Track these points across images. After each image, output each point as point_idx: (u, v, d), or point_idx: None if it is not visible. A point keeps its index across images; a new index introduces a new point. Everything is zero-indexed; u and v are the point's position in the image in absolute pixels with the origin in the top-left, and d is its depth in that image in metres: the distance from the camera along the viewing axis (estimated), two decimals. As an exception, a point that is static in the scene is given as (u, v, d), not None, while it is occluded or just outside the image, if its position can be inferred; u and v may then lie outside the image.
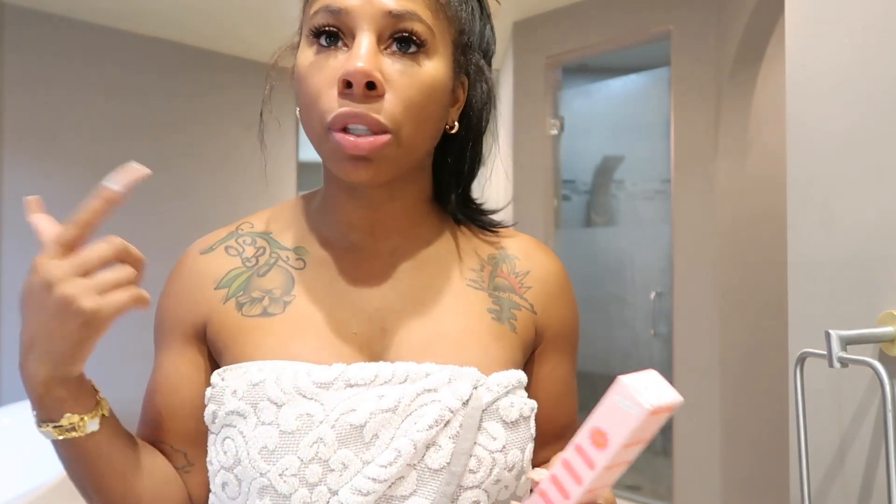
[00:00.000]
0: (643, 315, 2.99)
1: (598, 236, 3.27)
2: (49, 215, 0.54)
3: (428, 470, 0.52)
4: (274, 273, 0.61)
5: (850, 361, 0.68)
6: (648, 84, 3.00)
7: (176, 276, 0.64)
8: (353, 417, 0.51)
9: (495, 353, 0.59)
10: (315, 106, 0.53)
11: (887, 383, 0.66)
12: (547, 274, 0.66)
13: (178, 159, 3.41)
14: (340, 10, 0.52)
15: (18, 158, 2.89)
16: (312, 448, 0.51)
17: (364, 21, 0.52)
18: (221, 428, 0.55)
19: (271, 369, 0.54)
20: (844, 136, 0.77)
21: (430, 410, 0.52)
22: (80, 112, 3.07)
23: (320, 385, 0.53)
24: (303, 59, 0.55)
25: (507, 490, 0.56)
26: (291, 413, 0.52)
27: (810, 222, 0.80)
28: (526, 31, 3.16)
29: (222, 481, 0.55)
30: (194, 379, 0.62)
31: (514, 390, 0.57)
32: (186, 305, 0.62)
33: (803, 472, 0.74)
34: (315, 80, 0.53)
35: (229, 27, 3.22)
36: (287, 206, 0.67)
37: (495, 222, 0.69)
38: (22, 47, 2.90)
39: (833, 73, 0.78)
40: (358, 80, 0.50)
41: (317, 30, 0.54)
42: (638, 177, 3.12)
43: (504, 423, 0.55)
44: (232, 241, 0.63)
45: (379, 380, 0.54)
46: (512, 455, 0.55)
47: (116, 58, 3.18)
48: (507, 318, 0.62)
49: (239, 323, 0.59)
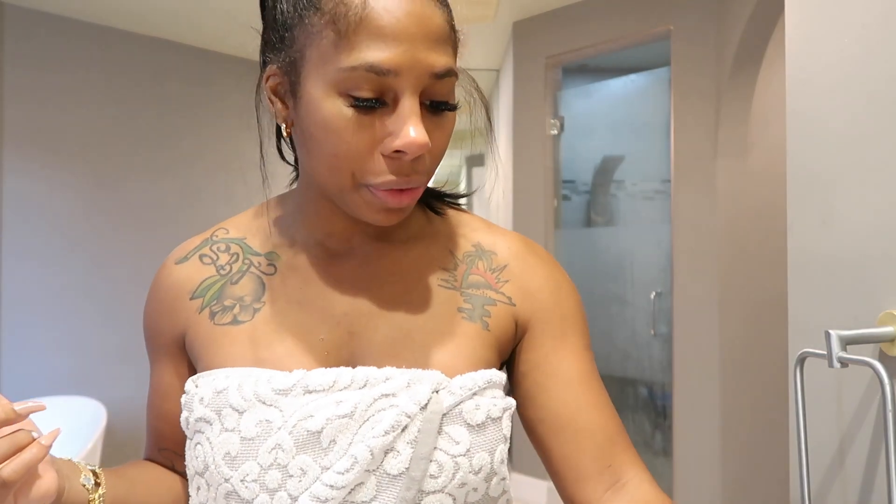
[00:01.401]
0: (643, 315, 2.99)
1: (598, 236, 3.27)
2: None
3: (387, 476, 0.51)
4: (245, 280, 0.61)
5: (850, 361, 0.68)
6: (648, 84, 3.00)
7: (155, 288, 0.65)
8: (310, 423, 0.51)
9: (464, 353, 0.57)
10: (351, 164, 0.52)
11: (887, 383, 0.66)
12: (525, 265, 0.64)
13: (178, 159, 3.41)
14: (389, 72, 0.49)
15: (18, 158, 2.89)
16: (271, 454, 0.51)
17: (409, 83, 0.50)
18: (193, 434, 0.57)
19: (236, 376, 0.55)
20: (845, 135, 0.77)
21: (387, 416, 0.51)
22: (80, 112, 3.07)
23: (279, 392, 0.53)
24: (333, 110, 0.50)
25: (476, 493, 0.55)
26: (252, 419, 0.52)
27: (810, 222, 0.80)
28: (526, 31, 3.16)
29: (196, 486, 0.57)
30: (179, 389, 0.64)
31: (483, 391, 0.55)
32: (166, 317, 0.63)
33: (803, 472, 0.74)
34: (354, 140, 0.50)
35: (230, 27, 3.22)
36: (261, 210, 0.66)
37: (454, 195, 0.69)
38: (22, 47, 2.90)
39: (833, 72, 0.78)
40: (415, 153, 0.50)
41: (356, 91, 0.50)
42: (638, 177, 3.12)
43: (468, 427, 0.53)
44: (206, 249, 0.64)
45: (337, 385, 0.53)
46: (478, 458, 0.53)
47: (116, 58, 3.18)
48: (480, 315, 0.60)
49: (211, 331, 0.59)
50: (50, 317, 2.97)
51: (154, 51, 3.31)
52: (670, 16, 2.68)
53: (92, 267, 3.08)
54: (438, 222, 0.66)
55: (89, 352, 3.01)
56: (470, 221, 0.67)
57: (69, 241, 3.03)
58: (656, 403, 3.11)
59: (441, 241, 0.64)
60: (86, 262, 3.07)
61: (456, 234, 0.65)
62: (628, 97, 3.13)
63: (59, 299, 3.00)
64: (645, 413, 3.16)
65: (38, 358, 2.88)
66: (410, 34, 0.49)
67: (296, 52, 0.52)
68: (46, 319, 2.95)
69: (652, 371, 3.05)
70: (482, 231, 0.66)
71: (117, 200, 3.17)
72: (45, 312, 2.96)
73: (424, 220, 0.66)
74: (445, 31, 0.52)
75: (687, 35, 2.63)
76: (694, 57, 2.61)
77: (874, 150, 0.73)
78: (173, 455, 0.67)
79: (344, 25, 0.49)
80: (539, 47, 3.10)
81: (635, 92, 3.09)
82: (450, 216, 0.67)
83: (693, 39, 2.61)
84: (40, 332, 2.93)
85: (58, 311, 3.00)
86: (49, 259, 2.97)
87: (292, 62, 0.53)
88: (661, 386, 3.02)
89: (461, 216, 0.68)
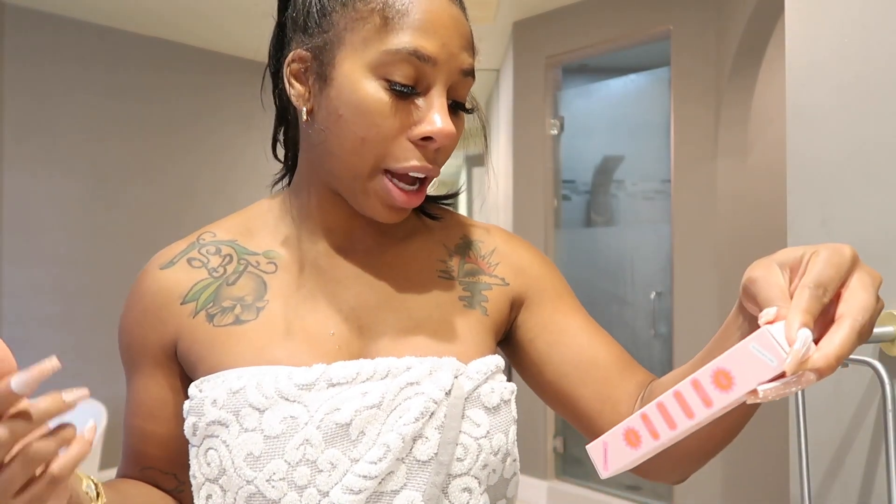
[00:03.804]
0: (643, 315, 2.99)
1: (598, 236, 3.27)
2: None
3: (417, 462, 0.52)
4: (244, 280, 0.60)
5: (850, 361, 0.68)
6: (648, 84, 3.00)
7: (137, 295, 0.61)
8: (338, 416, 0.51)
9: (471, 340, 0.60)
10: (377, 147, 0.54)
11: (887, 383, 0.66)
12: (509, 246, 0.69)
13: (178, 158, 3.41)
14: (429, 60, 0.53)
15: (18, 158, 2.89)
16: (299, 450, 0.51)
17: (443, 75, 0.54)
18: (203, 439, 0.55)
19: (251, 375, 0.54)
20: (845, 136, 0.77)
21: (415, 403, 0.52)
22: (80, 112, 3.07)
23: (302, 387, 0.53)
24: (370, 91, 0.53)
25: (495, 474, 0.57)
26: (275, 417, 0.52)
27: (810, 222, 0.80)
28: (526, 31, 3.16)
29: (207, 493, 0.55)
30: (169, 400, 0.61)
31: (493, 375, 0.58)
32: (152, 325, 0.60)
33: (803, 472, 0.74)
34: (386, 124, 0.54)
35: (229, 28, 3.22)
36: (251, 212, 0.66)
37: (445, 196, 0.72)
38: (22, 47, 2.90)
39: (833, 72, 0.78)
40: (442, 142, 0.54)
41: (394, 75, 0.53)
42: (638, 177, 3.12)
43: (486, 409, 0.56)
44: (194, 253, 0.62)
45: (361, 377, 0.54)
46: (497, 439, 0.56)
47: (116, 58, 3.18)
48: (478, 301, 0.63)
49: (211, 334, 0.58)
50: (50, 316, 2.97)
51: (154, 51, 3.32)
52: (670, 16, 2.68)
53: (92, 265, 3.08)
54: (429, 220, 0.69)
55: (89, 352, 3.01)
56: (456, 217, 0.71)
57: (69, 239, 3.03)
58: (656, 403, 3.10)
59: (434, 235, 0.68)
60: (86, 259, 3.07)
61: (444, 229, 0.69)
62: (628, 97, 3.13)
63: (59, 298, 3.00)
64: (645, 413, 3.15)
65: (37, 357, 2.87)
66: (449, 32, 0.54)
67: (333, 36, 0.55)
68: (46, 318, 2.95)
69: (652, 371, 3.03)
70: (465, 225, 0.71)
71: (117, 199, 3.17)
72: (44, 311, 2.96)
73: (416, 218, 0.69)
74: (472, 38, 0.58)
75: (687, 35, 2.63)
76: (694, 57, 2.61)
77: (874, 151, 0.73)
78: (158, 474, 0.63)
79: (392, 13, 0.53)
80: (539, 47, 3.10)
81: (635, 92, 3.09)
82: (438, 214, 0.71)
83: (693, 39, 2.61)
84: (40, 332, 2.93)
85: (58, 310, 3.00)
86: (49, 257, 2.97)
87: (326, 45, 0.55)
88: (661, 386, 3.01)
89: (448, 214, 0.71)
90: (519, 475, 0.62)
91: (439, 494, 0.53)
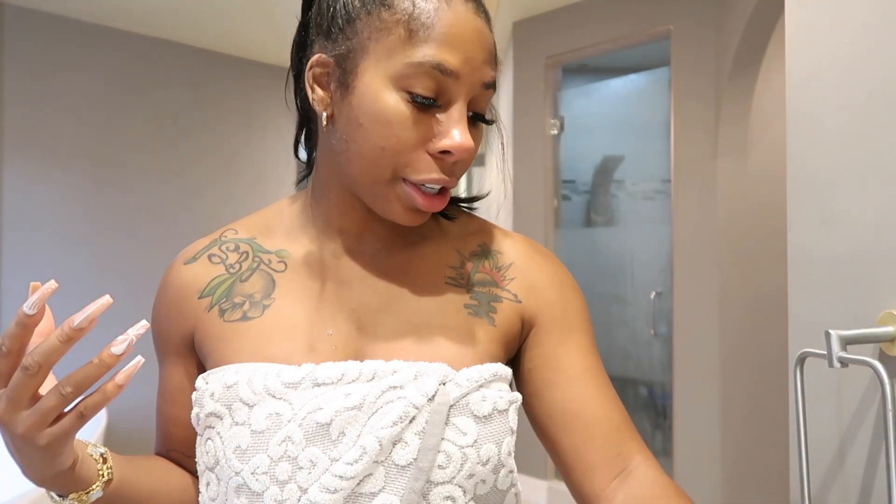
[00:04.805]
0: (643, 315, 2.99)
1: (598, 236, 3.27)
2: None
3: (395, 466, 0.52)
4: (255, 277, 0.62)
5: (850, 361, 0.68)
6: (648, 84, 3.00)
7: (163, 289, 0.65)
8: (319, 416, 0.52)
9: (470, 347, 0.59)
10: (395, 157, 0.54)
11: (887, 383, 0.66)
12: (530, 262, 0.66)
13: (178, 159, 3.41)
14: (451, 74, 0.53)
15: (18, 158, 2.89)
16: (281, 446, 0.52)
17: (465, 89, 0.54)
18: (204, 430, 0.58)
19: (245, 371, 0.56)
20: (845, 135, 0.77)
21: (395, 407, 0.52)
22: (81, 112, 3.07)
23: (289, 385, 0.54)
24: (391, 102, 0.53)
25: (484, 484, 0.56)
26: (262, 413, 0.53)
27: (810, 221, 0.80)
28: (526, 31, 3.16)
29: (206, 481, 0.58)
30: (188, 389, 0.64)
31: (489, 384, 0.56)
32: (174, 318, 0.64)
33: (803, 471, 0.74)
34: (405, 135, 0.54)
35: (231, 27, 3.22)
36: (271, 210, 0.68)
37: (467, 199, 0.71)
38: (22, 47, 2.90)
39: (833, 71, 0.78)
40: (461, 156, 0.55)
41: (416, 88, 0.53)
42: (638, 177, 3.12)
43: (475, 418, 0.55)
44: (215, 249, 0.65)
45: (346, 378, 0.54)
46: (486, 449, 0.54)
47: (117, 58, 3.18)
48: (486, 311, 0.62)
49: (221, 328, 0.60)
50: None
51: (154, 51, 3.32)
52: (670, 16, 2.68)
53: (92, 268, 3.08)
54: (446, 223, 0.69)
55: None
56: (476, 223, 0.70)
57: (69, 243, 3.03)
58: (656, 403, 3.11)
59: (449, 240, 0.67)
60: (86, 263, 3.07)
61: (463, 234, 0.68)
62: (628, 97, 3.13)
63: (60, 301, 3.00)
64: (645, 413, 3.16)
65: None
66: (473, 46, 0.54)
67: (356, 44, 0.55)
68: (46, 319, 2.95)
69: (652, 371, 3.05)
70: (488, 232, 0.68)
71: (117, 201, 3.17)
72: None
73: (433, 221, 0.68)
74: (495, 51, 0.58)
75: (687, 35, 2.63)
76: (694, 57, 2.61)
77: (874, 150, 0.73)
78: (182, 456, 0.68)
79: (417, 25, 0.53)
80: (539, 47, 3.11)
81: (635, 92, 3.09)
82: (457, 218, 0.70)
83: (693, 39, 2.61)
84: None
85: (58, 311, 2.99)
86: (49, 261, 2.97)
87: (349, 52, 0.55)
88: (661, 386, 3.02)
89: (468, 218, 0.70)
90: (518, 487, 0.60)
91: (419, 500, 0.52)
